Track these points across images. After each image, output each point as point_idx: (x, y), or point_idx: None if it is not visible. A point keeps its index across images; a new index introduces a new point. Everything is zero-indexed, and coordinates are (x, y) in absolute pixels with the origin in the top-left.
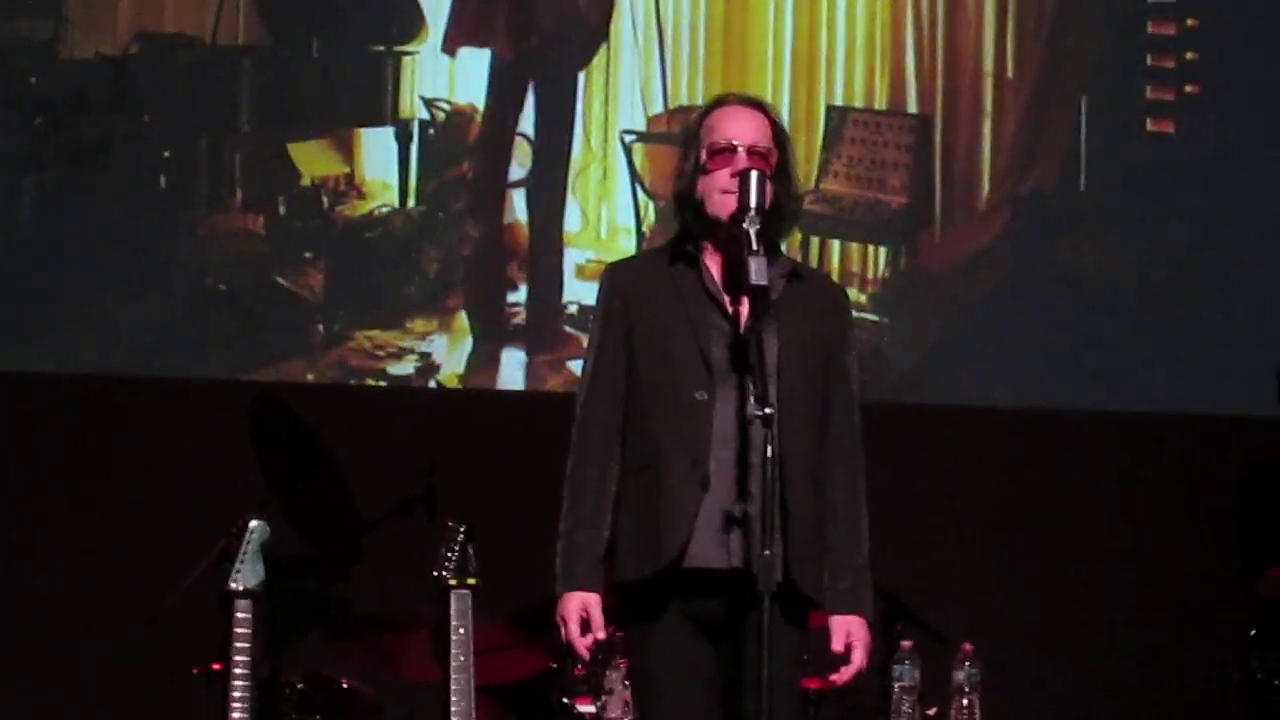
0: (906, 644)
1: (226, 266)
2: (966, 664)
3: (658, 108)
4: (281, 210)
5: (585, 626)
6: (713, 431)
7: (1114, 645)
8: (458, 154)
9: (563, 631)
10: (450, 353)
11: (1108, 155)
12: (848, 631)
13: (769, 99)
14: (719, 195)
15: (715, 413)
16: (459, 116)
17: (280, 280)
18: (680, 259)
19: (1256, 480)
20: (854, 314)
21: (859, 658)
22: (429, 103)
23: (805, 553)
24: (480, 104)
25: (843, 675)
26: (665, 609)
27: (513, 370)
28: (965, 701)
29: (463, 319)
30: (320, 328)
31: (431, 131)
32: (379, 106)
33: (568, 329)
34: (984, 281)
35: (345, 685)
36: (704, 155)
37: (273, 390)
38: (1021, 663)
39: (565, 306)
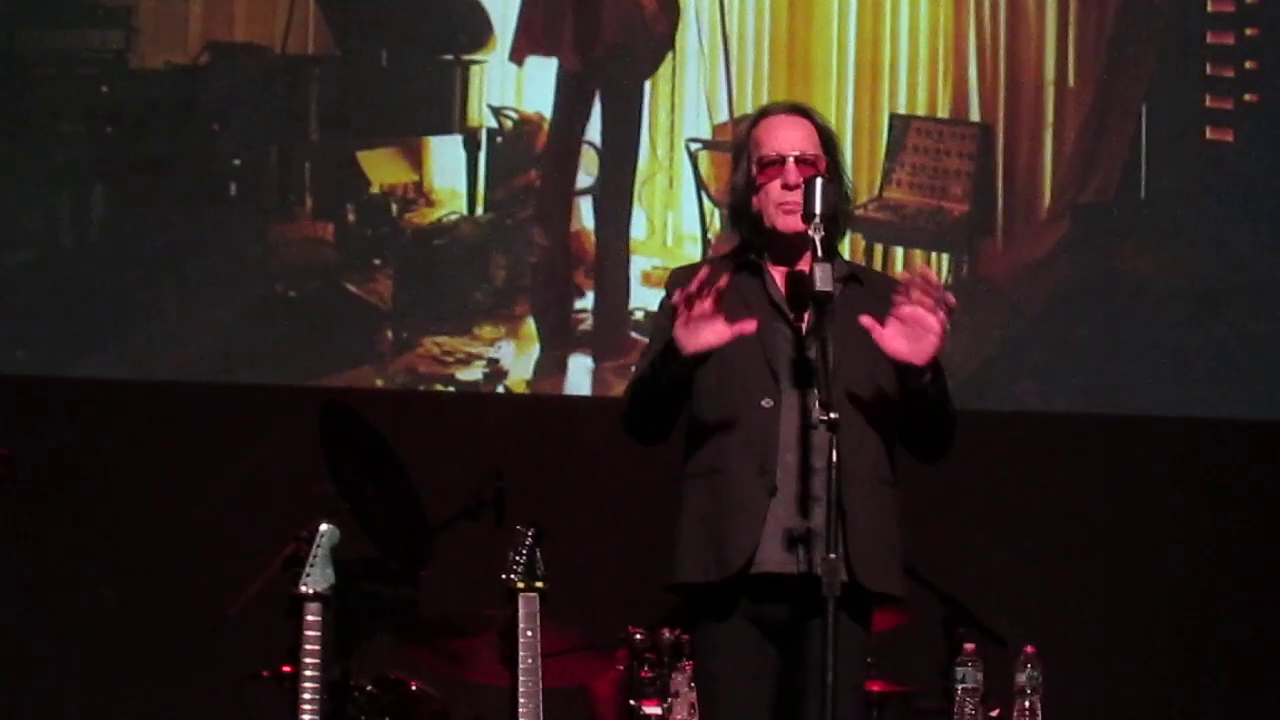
0: (969, 647)
1: (296, 274)
2: (1029, 666)
3: (723, 116)
4: (350, 218)
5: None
6: (779, 436)
7: (1177, 649)
8: (525, 162)
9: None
10: (517, 359)
11: (1167, 164)
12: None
13: (832, 108)
14: (773, 208)
15: (781, 417)
16: (526, 125)
17: (349, 287)
18: (744, 268)
19: None
20: None
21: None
22: (497, 111)
23: (869, 551)
24: (547, 112)
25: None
26: (731, 613)
27: (579, 376)
28: (1027, 704)
29: (530, 325)
30: (389, 334)
31: (499, 140)
32: (447, 115)
33: (634, 335)
34: (1044, 289)
35: (414, 688)
36: (754, 169)
37: (342, 396)
38: (1084, 666)
39: (632, 313)
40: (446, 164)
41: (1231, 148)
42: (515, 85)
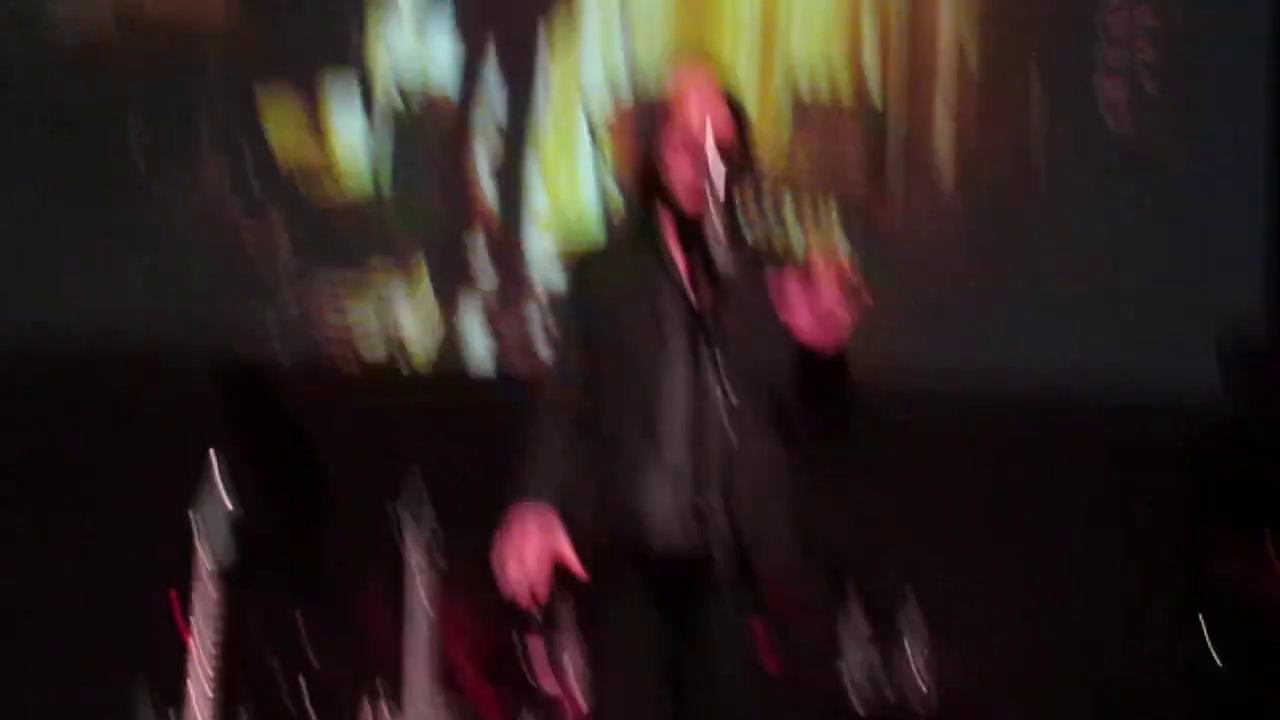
0: (859, 617)
1: (201, 243)
2: (916, 634)
3: (624, 90)
4: (255, 189)
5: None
6: (670, 413)
7: (1063, 620)
8: (427, 136)
9: (511, 560)
10: (418, 334)
11: (1065, 147)
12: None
13: (731, 75)
14: (682, 185)
15: (673, 394)
16: (429, 99)
17: (253, 257)
18: (643, 245)
19: (1200, 465)
20: None
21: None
22: (399, 85)
23: (765, 530)
24: (449, 86)
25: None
26: (623, 585)
27: (480, 352)
28: (915, 671)
29: (431, 301)
30: (291, 306)
31: (403, 114)
32: (351, 87)
33: (534, 311)
34: (942, 265)
35: (312, 657)
36: (666, 144)
37: (243, 367)
38: (972, 634)
39: (533, 289)
40: (350, 137)
41: (1125, 132)
42: (418, 59)
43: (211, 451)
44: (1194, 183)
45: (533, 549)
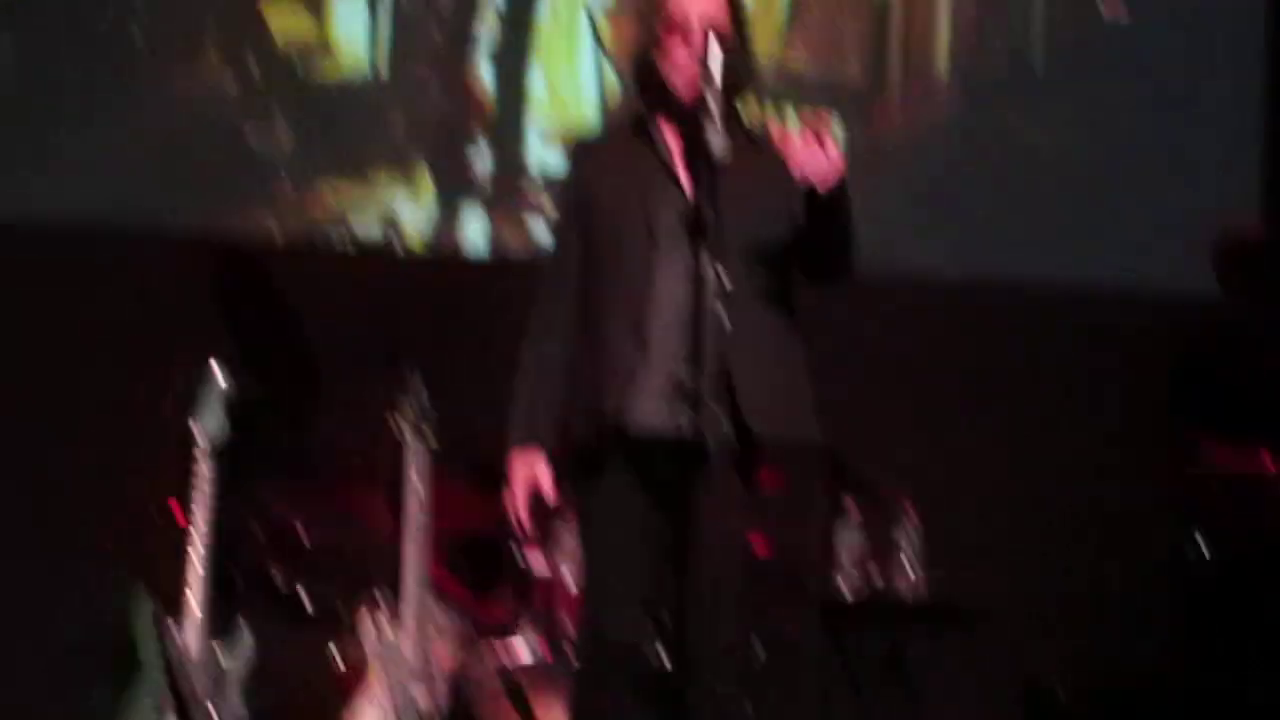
0: (850, 505)
1: (197, 122)
2: (907, 523)
3: None
4: (252, 68)
5: (531, 489)
6: (655, 296)
7: (1049, 512)
8: (425, 17)
9: (505, 499)
10: (414, 215)
11: (1063, 34)
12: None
13: None
14: (678, 71)
15: (663, 280)
16: None
17: (249, 137)
18: (640, 133)
19: (1191, 355)
20: None
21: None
22: None
23: (755, 413)
24: None
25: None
26: (612, 470)
27: (475, 233)
28: (905, 560)
29: (427, 182)
30: (287, 187)
31: None
32: None
33: (530, 194)
34: (936, 155)
35: (301, 533)
36: (663, 30)
37: (239, 247)
38: (962, 525)
39: (528, 172)
40: (349, 19)
41: (1126, 21)
42: None
43: (208, 330)
44: (1190, 76)
45: (523, 496)
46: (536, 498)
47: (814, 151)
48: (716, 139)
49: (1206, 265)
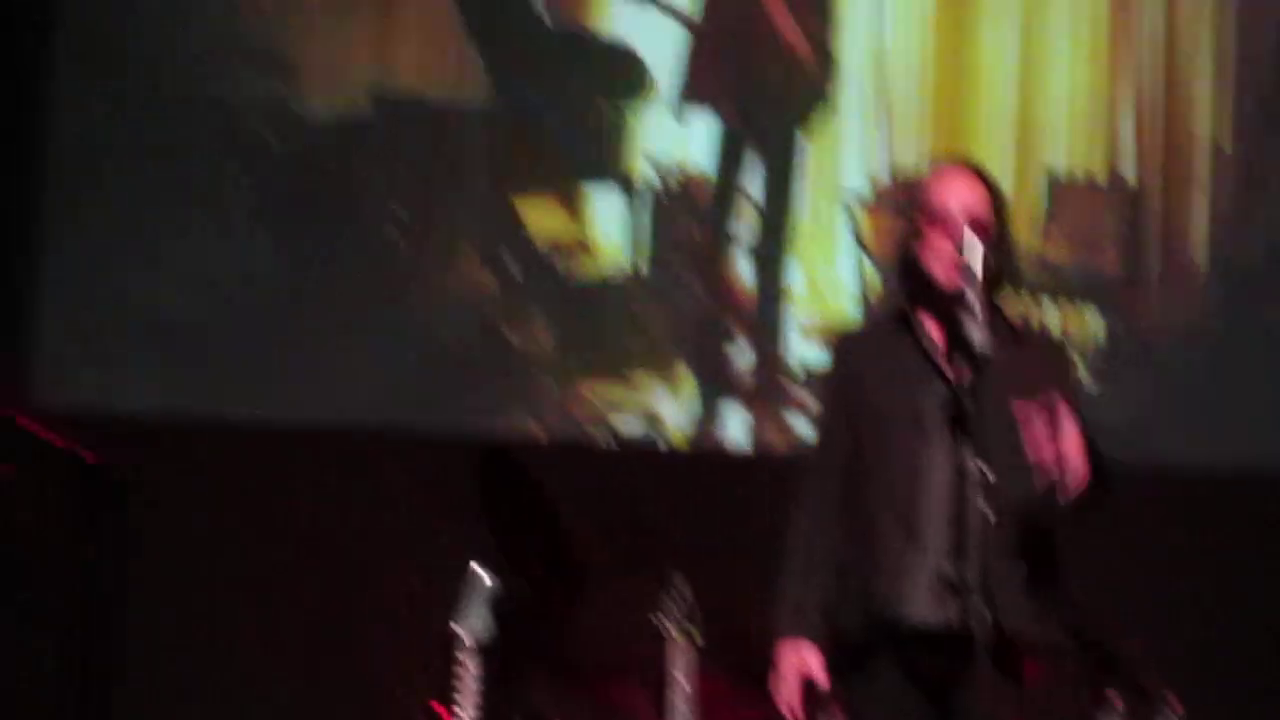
0: (1115, 700)
1: (458, 323)
2: (1170, 714)
3: (881, 173)
4: (512, 268)
5: (801, 680)
6: (927, 490)
7: None
8: (684, 215)
9: (776, 686)
10: (676, 412)
11: None
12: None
13: (989, 166)
14: (940, 263)
15: (930, 472)
16: (686, 177)
17: (510, 337)
18: (902, 326)
19: None
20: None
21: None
22: (657, 165)
23: (1017, 606)
24: (704, 167)
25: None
26: (881, 664)
27: (737, 429)
28: None
29: (688, 379)
30: (549, 385)
31: (660, 192)
32: (608, 166)
33: (791, 389)
34: (1196, 348)
35: None
36: (925, 223)
37: (501, 445)
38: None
39: (789, 367)
40: (607, 216)
41: None
42: (673, 135)
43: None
44: None
45: (794, 686)
46: (807, 687)
47: (1061, 452)
48: (977, 331)
49: None
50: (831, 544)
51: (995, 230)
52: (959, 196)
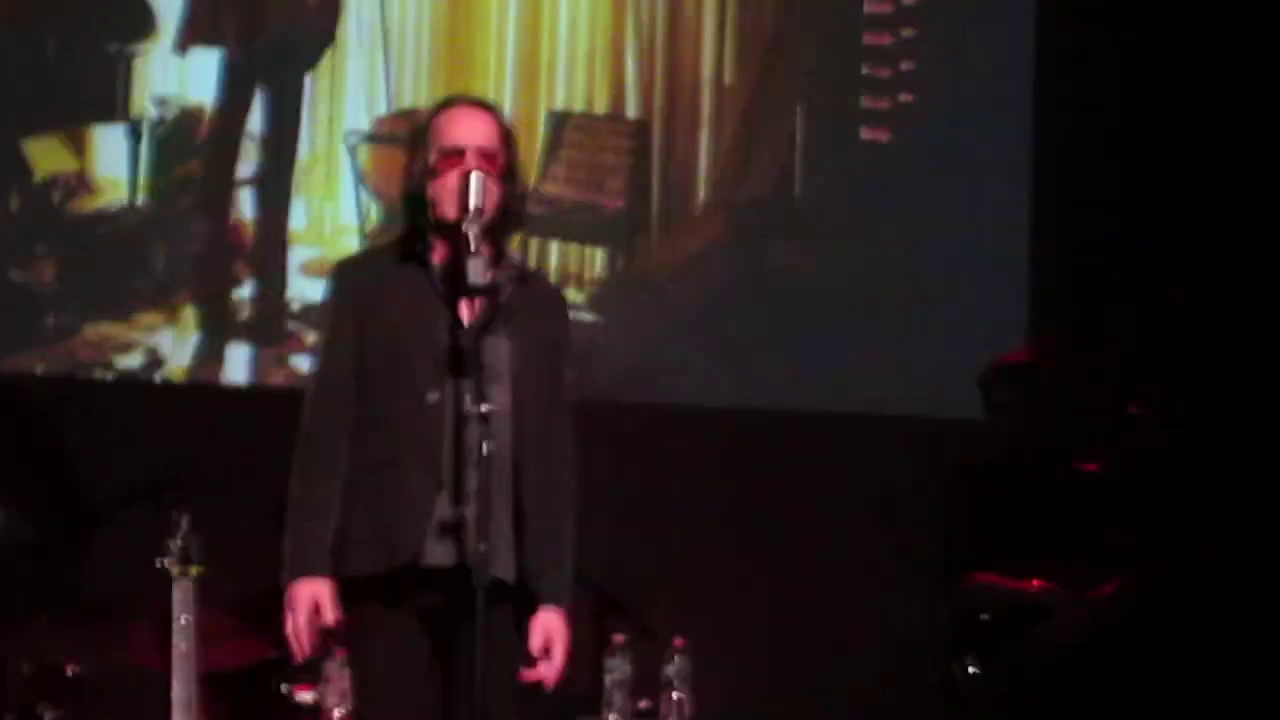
0: (618, 639)
1: None
2: (677, 658)
3: (381, 109)
4: (14, 205)
5: (313, 617)
6: (435, 428)
7: (822, 644)
8: (187, 152)
9: (288, 621)
10: (177, 347)
11: (823, 163)
12: (546, 631)
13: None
14: (447, 198)
15: (439, 409)
16: (189, 115)
17: (11, 274)
18: (410, 258)
19: (961, 485)
20: (571, 314)
21: (558, 656)
22: (160, 101)
23: (514, 548)
24: (210, 103)
25: (546, 676)
26: (392, 604)
27: (238, 365)
28: (676, 696)
29: (189, 314)
30: (50, 321)
31: (162, 130)
32: (111, 104)
33: (292, 325)
34: (700, 285)
35: (70, 672)
36: (433, 157)
37: (2, 381)
38: (732, 659)
39: (290, 303)
40: (110, 153)
41: (887, 148)
42: (179, 75)
43: None
44: (955, 196)
45: (302, 620)
46: (316, 622)
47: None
48: (478, 267)
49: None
50: (335, 481)
51: (504, 165)
52: (470, 130)
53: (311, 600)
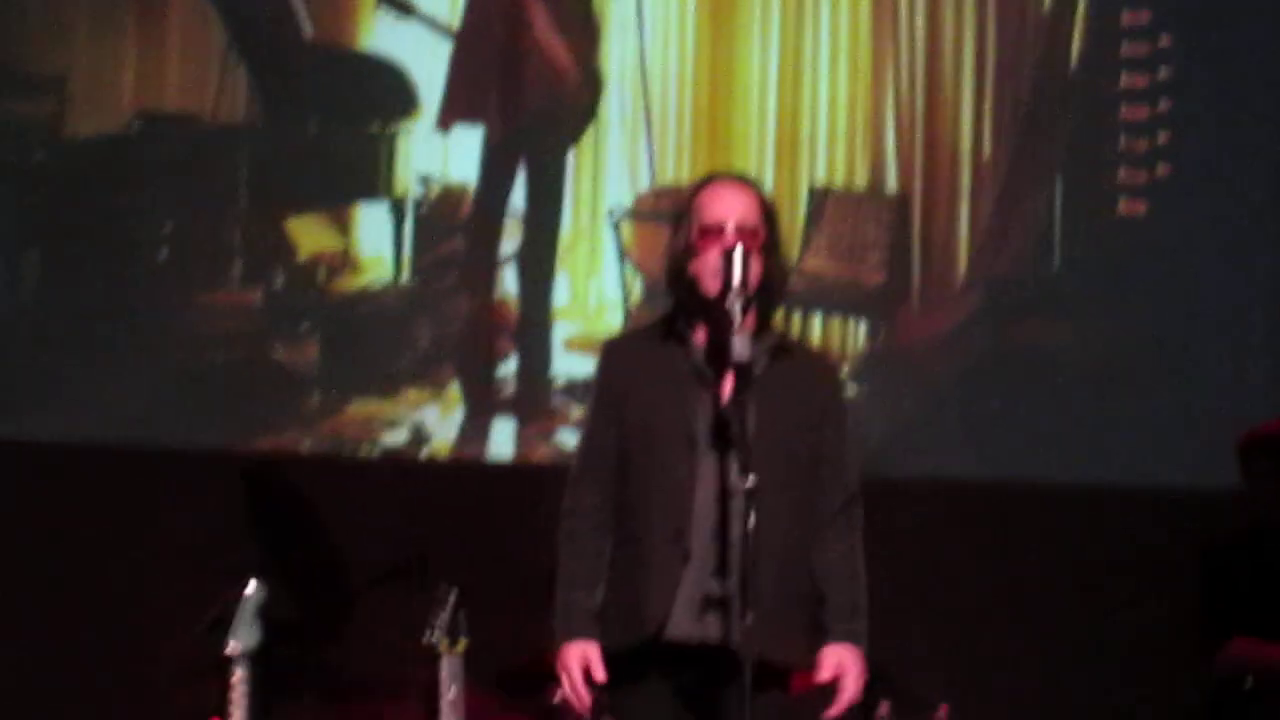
0: (884, 708)
1: (223, 340)
2: None
3: (644, 186)
4: (278, 284)
5: (586, 676)
6: (694, 504)
7: (1081, 712)
8: (450, 230)
9: (564, 681)
10: (441, 424)
11: (1081, 237)
12: (838, 661)
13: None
14: (709, 274)
15: (697, 487)
16: (451, 193)
17: (276, 353)
18: (671, 336)
19: (1218, 554)
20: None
21: (851, 685)
22: (423, 179)
23: (777, 627)
24: (472, 181)
25: (836, 706)
26: (646, 679)
27: (502, 441)
28: None
29: (454, 391)
30: (314, 399)
31: (424, 208)
32: (374, 183)
33: (556, 401)
34: (958, 359)
35: None
36: (694, 234)
37: (267, 461)
38: None
39: (553, 379)
40: (373, 232)
41: (1144, 220)
42: (441, 154)
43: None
44: (1211, 267)
45: (579, 678)
46: (590, 684)
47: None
48: (742, 343)
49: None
50: (601, 552)
51: (765, 241)
52: (727, 208)
53: (583, 659)
